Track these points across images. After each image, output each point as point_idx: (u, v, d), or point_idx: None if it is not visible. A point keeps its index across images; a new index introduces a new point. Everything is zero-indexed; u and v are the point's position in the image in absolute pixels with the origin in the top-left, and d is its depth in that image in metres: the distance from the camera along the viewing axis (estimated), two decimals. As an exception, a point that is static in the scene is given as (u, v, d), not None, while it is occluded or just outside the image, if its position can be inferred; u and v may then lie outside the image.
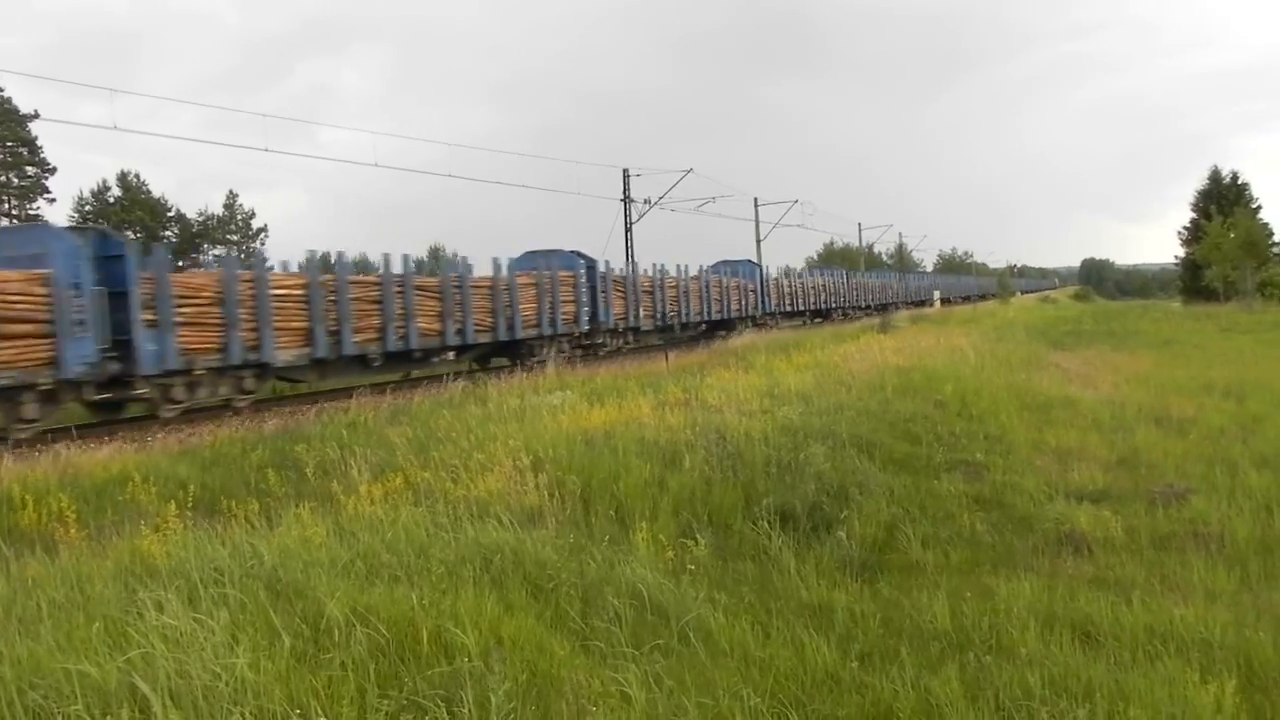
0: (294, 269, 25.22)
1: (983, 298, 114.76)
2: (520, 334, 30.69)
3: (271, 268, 24.66)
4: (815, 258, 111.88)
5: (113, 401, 19.91)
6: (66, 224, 31.46)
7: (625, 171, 56.62)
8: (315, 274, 23.73)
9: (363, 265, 27.98)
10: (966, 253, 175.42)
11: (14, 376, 17.19)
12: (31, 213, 73.24)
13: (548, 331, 32.21)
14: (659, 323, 40.90)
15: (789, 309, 57.42)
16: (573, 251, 35.82)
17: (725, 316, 47.78)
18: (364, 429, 16.34)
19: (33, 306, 17.57)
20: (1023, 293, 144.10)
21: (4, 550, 8.26)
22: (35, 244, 18.58)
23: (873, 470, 13.45)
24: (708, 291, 45.91)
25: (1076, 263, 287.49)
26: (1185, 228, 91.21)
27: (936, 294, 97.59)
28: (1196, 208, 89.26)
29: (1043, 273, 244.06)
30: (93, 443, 16.34)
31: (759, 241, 70.43)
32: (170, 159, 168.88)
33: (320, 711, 5.13)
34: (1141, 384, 24.06)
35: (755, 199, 71.24)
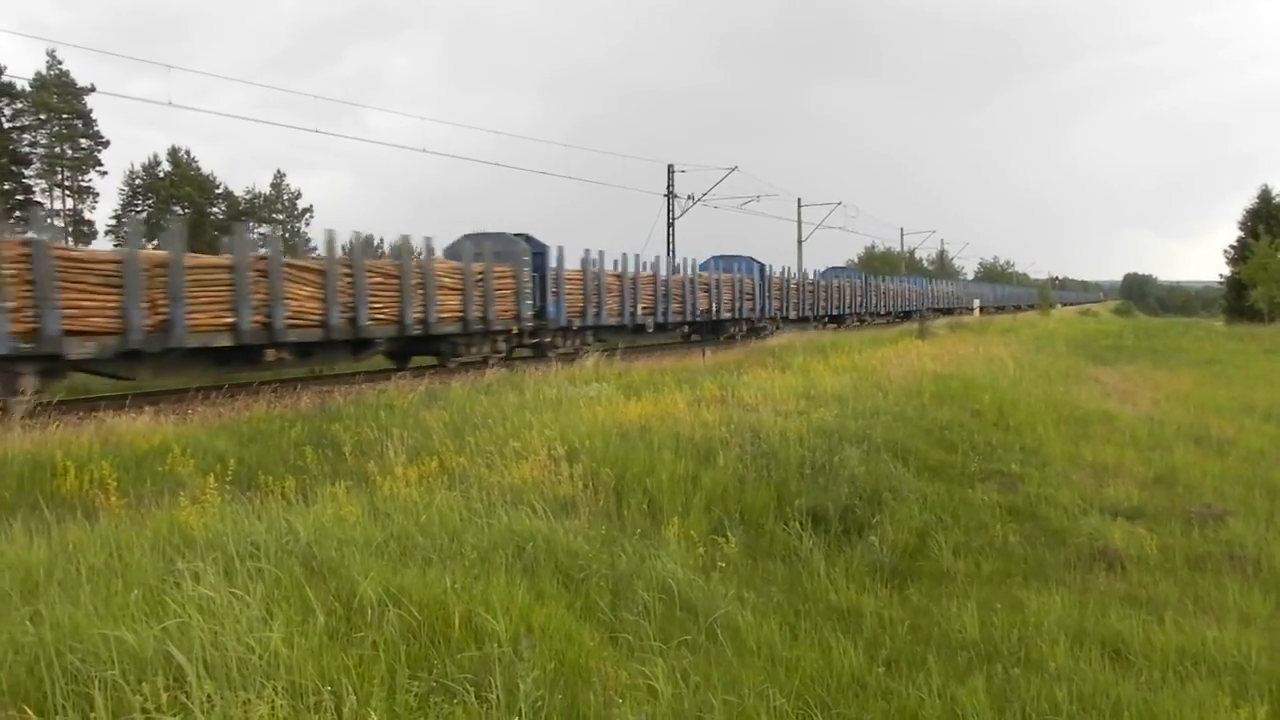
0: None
1: (1020, 308, 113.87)
2: (436, 329, 26.22)
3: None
4: (856, 261, 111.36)
5: None
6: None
7: (670, 167, 56.80)
8: (136, 248, 19.52)
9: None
10: (1008, 262, 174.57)
11: None
12: (84, 185, 74.14)
13: (476, 328, 27.84)
14: (625, 321, 35.80)
15: (793, 315, 52.33)
16: (519, 234, 31.43)
17: (715, 318, 43.00)
18: (400, 411, 16.40)
19: None
20: (1063, 305, 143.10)
21: (46, 514, 8.36)
22: None
23: (907, 476, 13.41)
24: (692, 289, 40.86)
25: (1119, 277, 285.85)
26: (1232, 246, 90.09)
27: (976, 302, 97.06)
28: (1244, 226, 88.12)
29: (1084, 285, 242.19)
30: (132, 412, 16.47)
31: (800, 242, 70.55)
32: (221, 137, 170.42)
33: (351, 690, 5.17)
34: (1181, 402, 23.87)
35: (799, 199, 71.43)
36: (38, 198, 71.41)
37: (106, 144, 75.08)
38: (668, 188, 56.68)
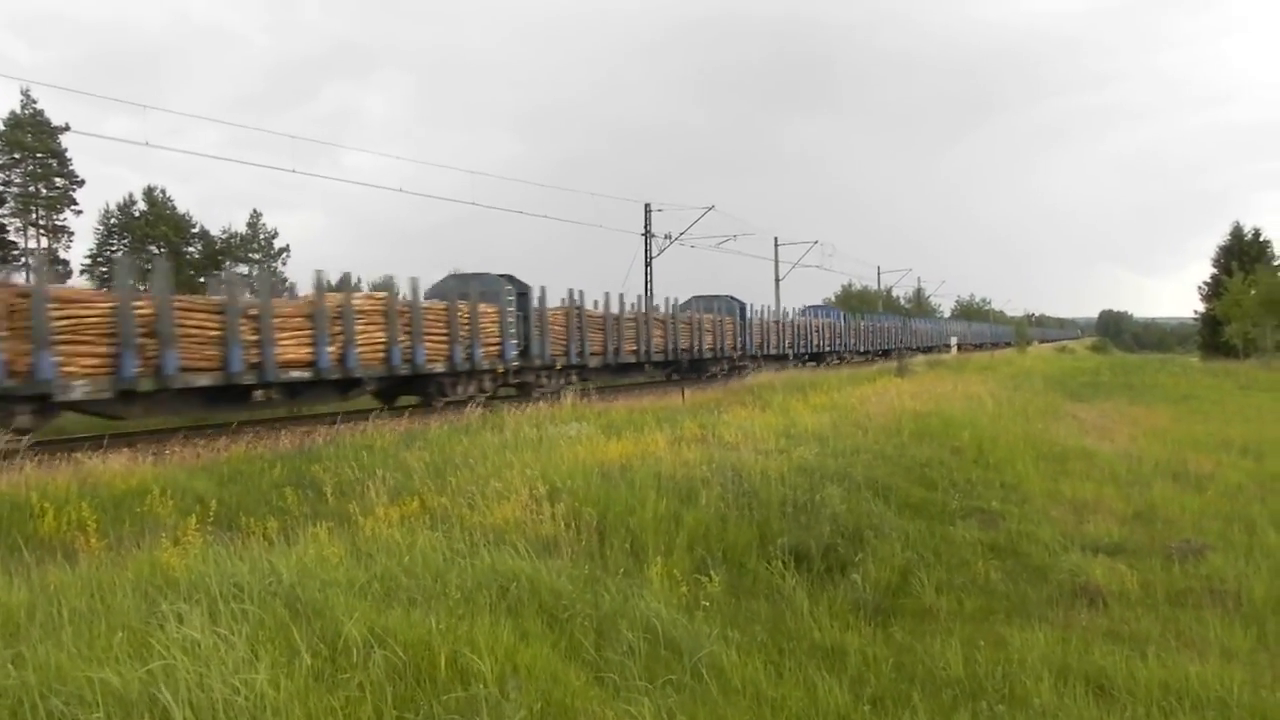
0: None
1: (998, 345, 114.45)
2: (423, 369, 26.58)
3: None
4: (834, 299, 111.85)
5: None
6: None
7: (647, 206, 57.00)
8: (127, 291, 19.35)
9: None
10: (984, 299, 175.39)
11: None
12: (59, 223, 73.89)
13: (463, 367, 28.03)
14: (609, 360, 36.14)
15: (774, 353, 52.77)
16: (503, 275, 31.50)
17: (697, 356, 43.43)
18: (380, 452, 16.37)
19: None
20: (1040, 342, 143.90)
21: (25, 556, 8.30)
22: None
23: (888, 514, 13.44)
24: (674, 328, 41.23)
25: (1094, 313, 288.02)
26: (1205, 283, 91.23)
27: (954, 340, 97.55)
28: (1217, 263, 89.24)
29: (1060, 322, 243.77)
30: (109, 453, 16.38)
31: (778, 281, 70.74)
32: (196, 176, 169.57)
33: (337, 731, 5.16)
34: (1159, 438, 23.99)
35: (775, 238, 71.66)
36: (11, 236, 71.20)
37: (81, 183, 74.93)
38: (645, 227, 56.91)
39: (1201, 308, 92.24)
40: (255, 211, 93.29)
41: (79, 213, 75.80)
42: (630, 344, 37.64)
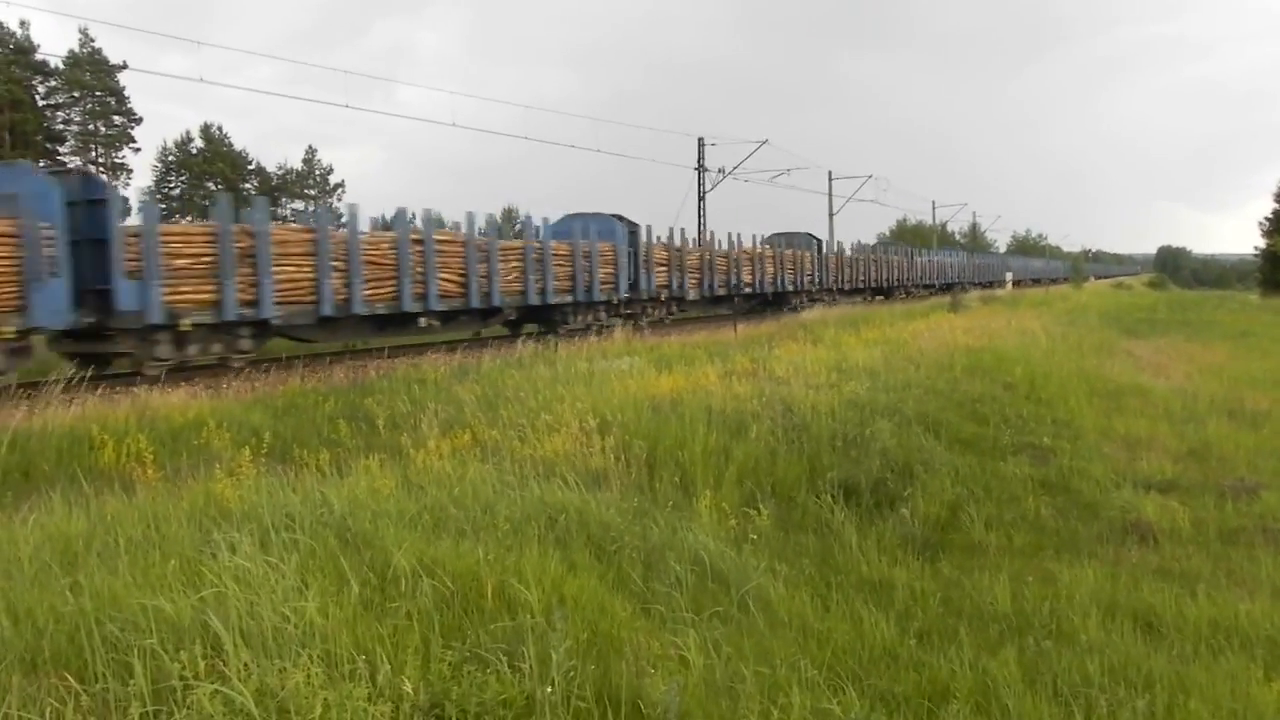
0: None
1: (1055, 281, 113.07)
2: (551, 300, 29.67)
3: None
4: (888, 234, 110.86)
5: (93, 355, 18.54)
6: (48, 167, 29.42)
7: (700, 140, 56.45)
8: (325, 228, 22.34)
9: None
10: (1041, 235, 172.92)
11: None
12: (117, 161, 74.49)
13: (583, 299, 31.18)
14: (704, 293, 39.38)
15: (847, 287, 55.12)
16: (614, 215, 34.35)
17: (780, 289, 45.99)
18: (433, 385, 16.48)
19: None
20: (1097, 278, 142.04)
21: (85, 487, 8.45)
22: (6, 184, 17.14)
23: (938, 449, 13.40)
24: (761, 263, 44.01)
25: (1152, 250, 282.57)
26: (1266, 218, 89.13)
27: (1009, 275, 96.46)
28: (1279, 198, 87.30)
29: (1118, 258, 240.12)
30: (168, 389, 16.62)
31: (831, 215, 70.16)
32: (251, 113, 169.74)
33: (385, 658, 5.22)
34: (1215, 375, 23.66)
35: (829, 173, 70.99)
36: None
37: (139, 121, 75.31)
38: (698, 161, 56.41)
39: (1263, 244, 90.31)
40: (310, 148, 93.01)
41: (137, 150, 76.34)
42: (722, 277, 40.38)
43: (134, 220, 19.12)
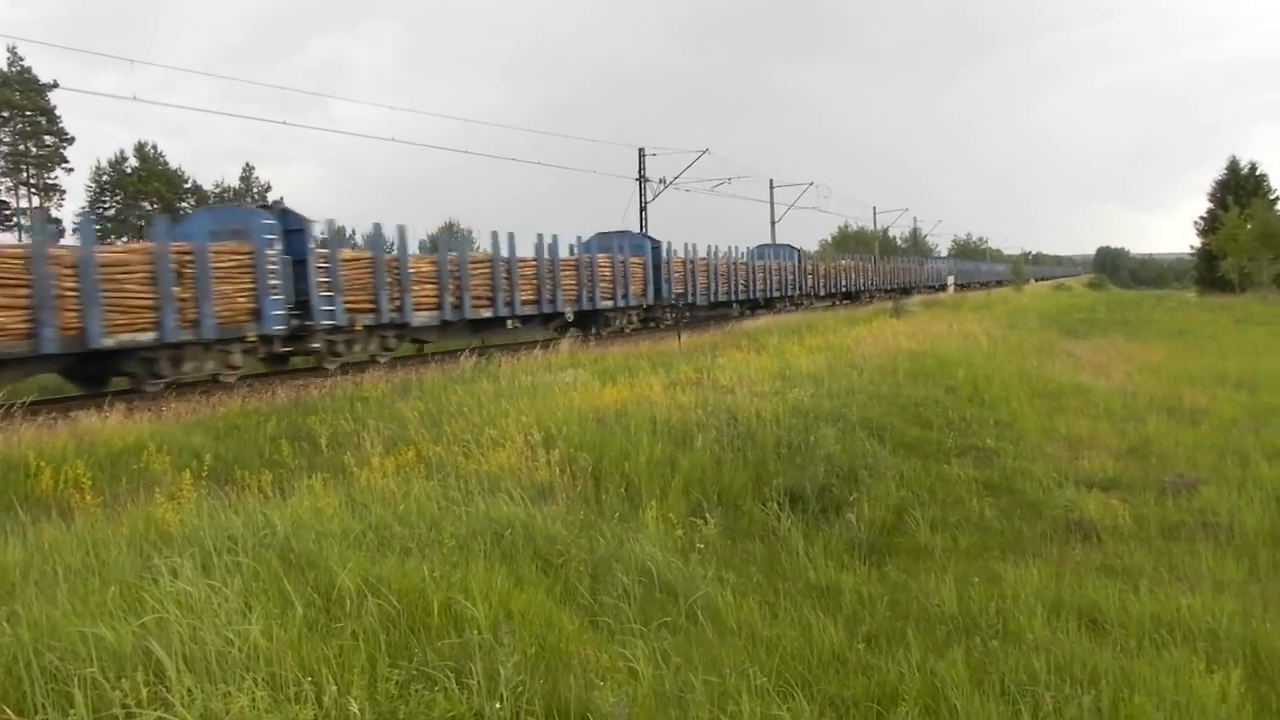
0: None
1: (997, 284, 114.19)
2: (600, 306, 35.75)
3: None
4: (829, 241, 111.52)
5: (288, 354, 23.71)
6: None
7: (641, 151, 56.58)
8: (444, 254, 28.50)
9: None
10: (981, 239, 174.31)
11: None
12: (50, 182, 73.49)
13: (620, 305, 37.41)
14: (712, 298, 45.31)
15: (822, 293, 61.45)
16: (641, 233, 41.75)
17: (770, 295, 52.15)
18: (375, 403, 16.39)
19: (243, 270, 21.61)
20: (1037, 280, 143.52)
21: (21, 515, 8.32)
22: (238, 220, 22.88)
23: (883, 453, 13.48)
24: (764, 273, 51.26)
25: (1091, 250, 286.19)
26: (1202, 218, 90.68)
27: (951, 279, 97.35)
28: (1213, 198, 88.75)
29: (1057, 260, 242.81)
30: (105, 411, 16.38)
31: (774, 223, 70.55)
32: (187, 130, 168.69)
33: (331, 679, 5.18)
34: (1154, 373, 23.99)
35: (770, 181, 71.44)
36: (3, 196, 70.90)
37: (71, 140, 74.67)
38: (639, 171, 56.49)
39: (1198, 243, 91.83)
40: (247, 165, 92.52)
41: (70, 170, 75.64)
42: (724, 285, 46.75)
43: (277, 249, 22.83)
